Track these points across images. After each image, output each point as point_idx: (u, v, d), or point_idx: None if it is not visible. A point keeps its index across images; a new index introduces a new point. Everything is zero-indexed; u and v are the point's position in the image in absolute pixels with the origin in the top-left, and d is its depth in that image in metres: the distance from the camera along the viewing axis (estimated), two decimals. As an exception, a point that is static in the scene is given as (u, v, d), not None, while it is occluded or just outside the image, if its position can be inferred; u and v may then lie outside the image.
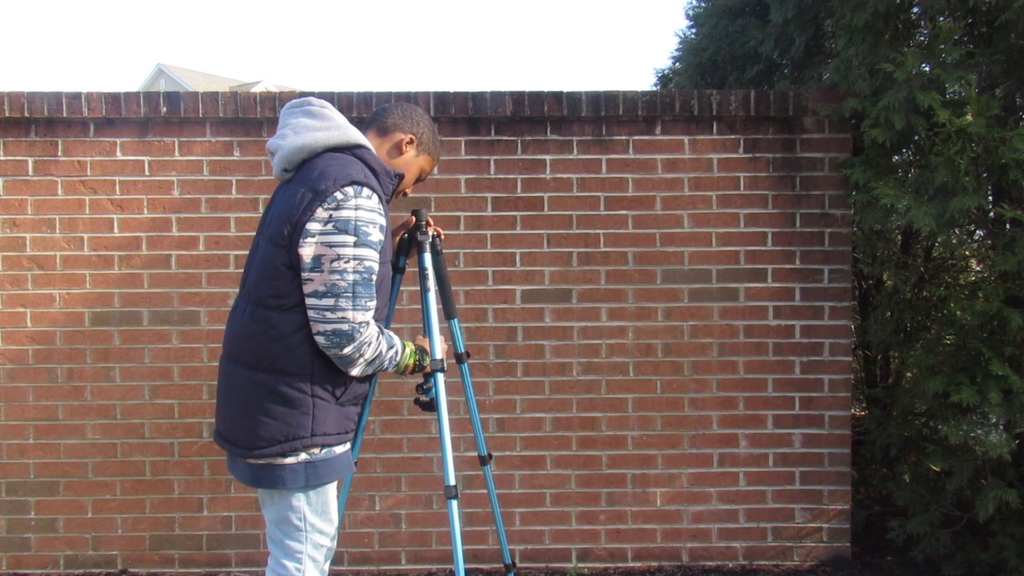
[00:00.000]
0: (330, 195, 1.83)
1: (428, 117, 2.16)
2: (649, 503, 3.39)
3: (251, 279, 1.94)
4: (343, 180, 1.85)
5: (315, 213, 1.83)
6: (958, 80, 2.84)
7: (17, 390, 3.30)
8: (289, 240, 1.84)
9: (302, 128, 1.95)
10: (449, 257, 3.30)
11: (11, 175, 3.28)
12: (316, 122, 1.96)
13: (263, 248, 1.91)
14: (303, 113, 1.99)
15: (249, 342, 1.89)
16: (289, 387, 1.86)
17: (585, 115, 3.29)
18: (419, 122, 2.11)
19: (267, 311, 1.87)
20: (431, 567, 3.36)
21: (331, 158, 1.91)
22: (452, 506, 2.16)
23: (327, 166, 1.88)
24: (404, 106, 2.12)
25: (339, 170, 1.87)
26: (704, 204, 3.34)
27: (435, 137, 2.16)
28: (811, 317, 3.36)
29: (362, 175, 1.89)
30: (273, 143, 2.00)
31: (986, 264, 3.39)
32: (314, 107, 2.00)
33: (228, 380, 1.94)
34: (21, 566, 3.33)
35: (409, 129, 2.09)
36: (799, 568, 3.38)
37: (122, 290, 3.30)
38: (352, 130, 1.98)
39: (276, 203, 1.95)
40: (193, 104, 3.26)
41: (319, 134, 1.94)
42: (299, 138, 1.94)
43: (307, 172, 1.90)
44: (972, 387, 2.88)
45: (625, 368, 3.36)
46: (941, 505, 3.21)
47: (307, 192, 1.85)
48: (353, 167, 1.90)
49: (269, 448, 1.86)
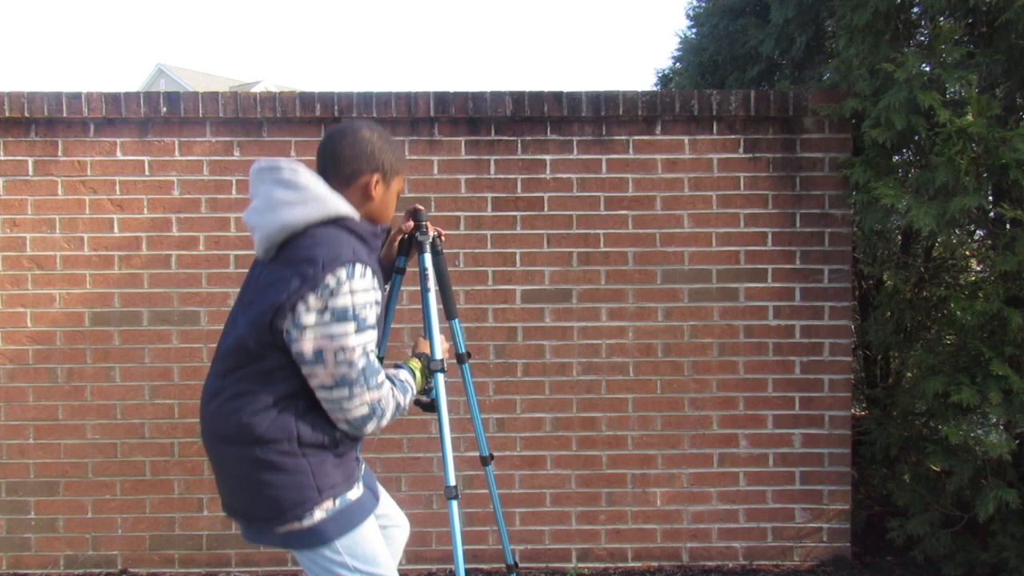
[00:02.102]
0: (321, 282, 1.69)
1: (378, 133, 1.92)
2: (649, 503, 3.39)
3: (228, 355, 1.80)
4: (333, 263, 1.70)
5: (307, 302, 1.69)
6: (959, 80, 2.84)
7: (17, 390, 3.30)
8: (271, 326, 1.71)
9: (277, 203, 1.77)
10: (449, 257, 3.30)
11: (11, 175, 3.28)
12: (291, 194, 1.78)
13: (243, 327, 1.77)
14: (275, 182, 1.80)
15: (229, 419, 1.77)
16: (279, 454, 1.76)
17: (585, 115, 3.29)
18: (375, 151, 1.89)
19: (248, 385, 1.76)
20: (431, 567, 3.36)
21: (314, 236, 1.75)
22: (452, 506, 2.16)
23: (312, 246, 1.73)
24: (351, 138, 1.88)
25: (327, 251, 1.72)
26: (704, 204, 3.34)
27: (396, 152, 1.94)
28: (811, 317, 3.36)
29: (351, 252, 1.74)
30: (249, 219, 1.83)
31: (986, 264, 3.39)
32: (285, 174, 1.80)
33: (218, 459, 1.83)
34: (21, 566, 3.33)
35: (369, 167, 1.88)
36: (799, 568, 3.38)
37: (122, 290, 3.30)
38: (331, 200, 1.79)
39: (257, 280, 1.80)
40: (193, 104, 3.26)
41: (297, 211, 1.76)
42: (276, 217, 1.76)
43: (291, 252, 1.75)
44: (972, 387, 2.88)
45: (625, 368, 3.36)
46: (941, 505, 3.21)
47: (294, 277, 1.70)
48: (341, 246, 1.74)
49: (283, 517, 1.78)
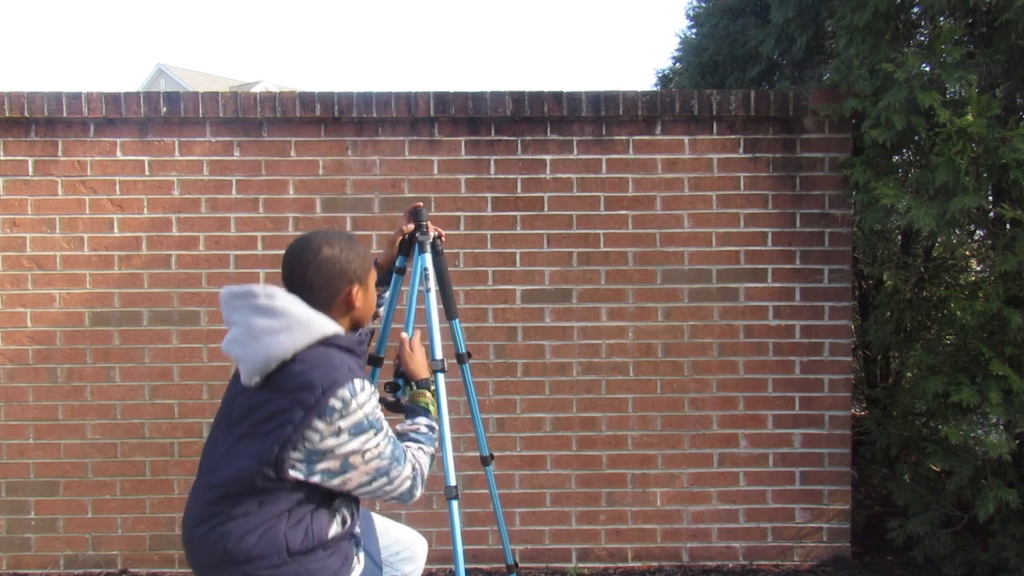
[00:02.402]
0: (326, 407, 1.68)
1: (339, 244, 1.85)
2: (649, 503, 3.39)
3: (221, 478, 1.74)
4: (333, 387, 1.69)
5: (317, 429, 1.68)
6: (958, 80, 2.84)
7: (17, 390, 3.30)
8: (277, 460, 1.69)
9: (259, 332, 1.72)
10: (449, 257, 3.30)
11: (11, 175, 3.28)
12: (272, 321, 1.73)
13: (246, 461, 1.71)
14: (251, 310, 1.75)
15: (217, 544, 1.73)
16: (269, 568, 1.72)
17: (585, 115, 3.29)
18: (344, 265, 1.84)
19: (243, 509, 1.73)
20: (431, 567, 3.36)
21: (306, 360, 1.72)
22: (452, 506, 2.16)
23: (306, 371, 1.70)
24: (317, 263, 1.82)
25: (324, 375, 1.70)
26: (704, 204, 3.34)
27: (358, 250, 1.89)
28: (811, 317, 3.36)
29: (347, 371, 1.73)
30: (231, 350, 1.77)
31: (986, 264, 3.39)
32: (261, 300, 1.75)
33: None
34: (21, 566, 3.33)
35: (345, 282, 1.85)
36: (799, 568, 3.38)
37: (122, 290, 3.30)
38: (315, 322, 1.75)
39: (250, 407, 1.75)
40: (193, 104, 3.26)
41: (283, 338, 1.71)
42: (262, 347, 1.71)
43: (284, 380, 1.71)
44: (972, 387, 2.88)
45: (625, 368, 3.36)
46: (941, 505, 3.21)
47: (296, 408, 1.68)
48: (336, 367, 1.72)
49: None
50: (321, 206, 3.32)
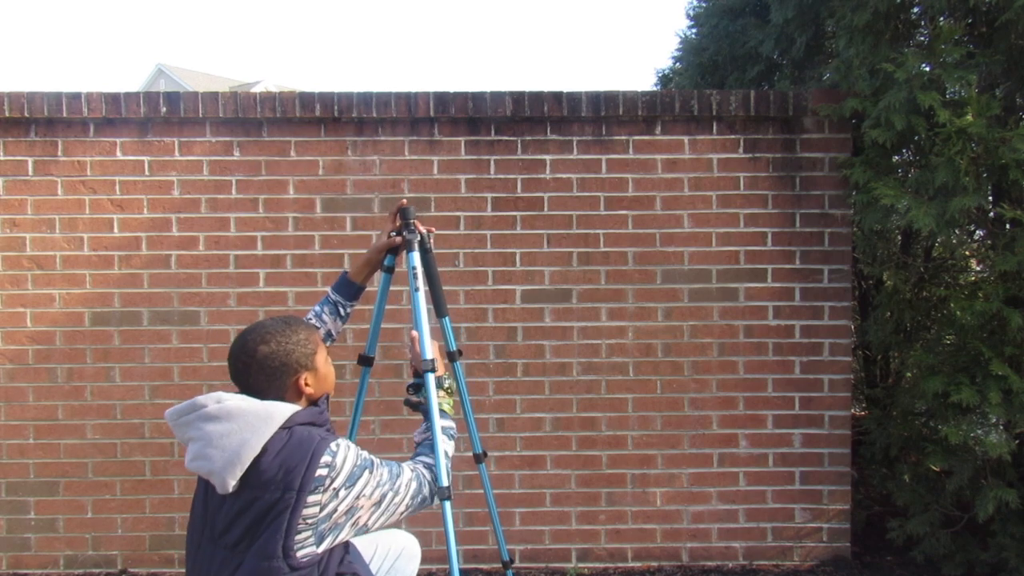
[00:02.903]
0: (312, 479, 1.70)
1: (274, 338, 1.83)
2: (649, 503, 3.39)
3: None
4: (314, 461, 1.71)
5: (314, 503, 1.71)
6: (958, 80, 2.84)
7: (17, 390, 3.30)
8: (285, 549, 1.69)
9: (219, 438, 1.70)
10: (449, 257, 3.30)
11: (11, 175, 3.28)
12: (228, 425, 1.72)
13: (246, 566, 1.70)
14: (204, 420, 1.73)
15: None
16: None
17: (585, 115, 3.29)
18: (285, 358, 1.82)
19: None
20: (431, 567, 3.36)
21: (275, 449, 1.72)
22: (446, 507, 2.16)
23: (281, 458, 1.71)
24: (256, 365, 1.81)
25: (300, 454, 1.71)
26: (704, 204, 3.34)
27: (298, 335, 1.87)
28: (811, 317, 3.36)
29: (319, 440, 1.75)
30: (197, 466, 1.73)
31: (986, 264, 3.39)
32: (211, 408, 1.74)
33: None
34: (21, 566, 3.33)
35: (291, 373, 1.83)
36: (799, 568, 3.38)
37: (122, 290, 3.30)
38: (272, 411, 1.75)
39: (230, 512, 1.73)
40: (193, 104, 3.26)
41: (247, 436, 1.70)
42: (231, 454, 1.69)
43: (262, 474, 1.70)
44: (972, 387, 2.88)
45: (625, 368, 3.35)
46: (941, 505, 3.21)
47: (286, 493, 1.69)
48: (306, 440, 1.74)
49: None
50: (321, 206, 3.32)
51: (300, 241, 3.31)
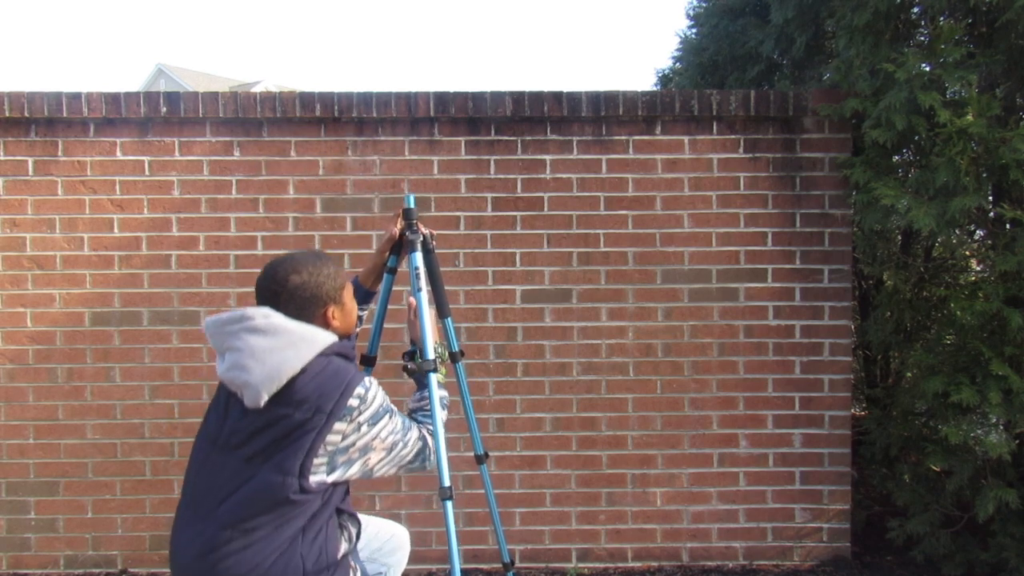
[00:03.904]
0: (344, 407, 1.76)
1: (306, 268, 1.85)
2: (649, 503, 3.39)
3: (228, 505, 1.73)
4: (349, 390, 1.77)
5: (339, 431, 1.76)
6: (959, 80, 2.84)
7: (17, 390, 3.30)
8: (302, 470, 1.72)
9: (262, 352, 1.73)
10: (449, 257, 3.30)
11: (11, 175, 3.28)
12: (274, 340, 1.74)
13: (260, 477, 1.72)
14: (249, 332, 1.75)
15: (232, 570, 1.70)
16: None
17: (585, 115, 3.29)
18: (315, 289, 1.84)
19: (265, 531, 1.72)
20: (431, 567, 3.36)
21: (312, 372, 1.76)
22: (447, 507, 2.16)
23: (316, 382, 1.75)
24: (287, 294, 1.82)
25: (336, 382, 1.77)
26: (704, 204, 3.34)
27: (328, 270, 1.89)
28: (811, 317, 3.36)
29: (356, 373, 1.82)
30: (232, 376, 1.75)
31: (986, 264, 3.39)
32: (259, 321, 1.76)
33: None
34: (21, 566, 3.33)
35: (319, 305, 1.86)
36: (799, 568, 3.38)
37: (122, 290, 3.30)
38: (317, 334, 1.79)
39: (252, 425, 1.75)
40: (193, 104, 3.26)
41: (290, 354, 1.74)
42: (270, 368, 1.72)
43: (294, 394, 1.74)
44: (972, 387, 2.88)
45: (625, 368, 3.36)
46: (941, 505, 3.21)
47: (315, 416, 1.73)
48: (345, 371, 1.80)
49: None
50: (321, 206, 3.32)
51: (300, 241, 3.31)
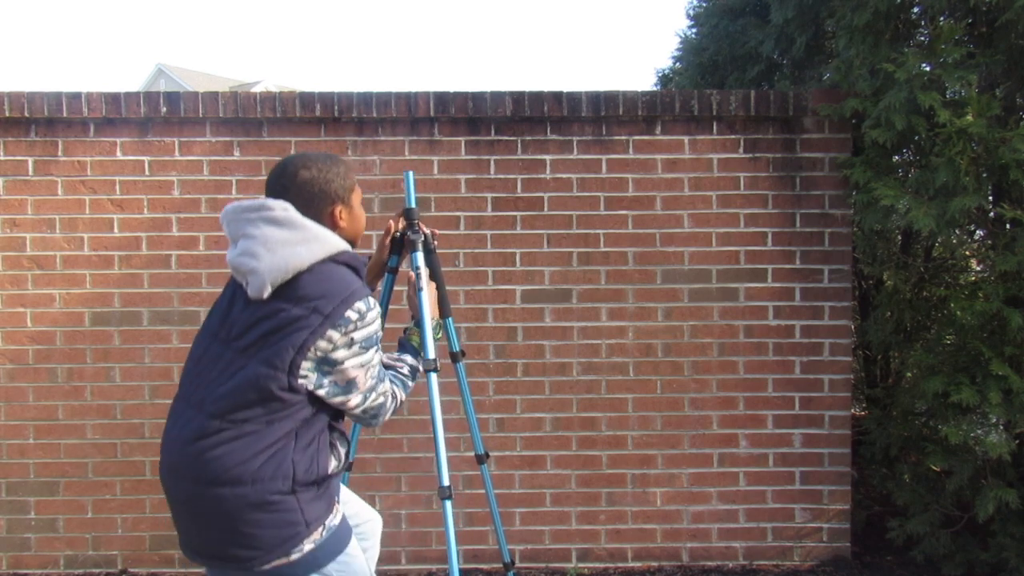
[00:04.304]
0: (341, 316, 1.72)
1: (316, 165, 1.84)
2: (649, 503, 3.39)
3: (218, 394, 1.72)
4: (351, 299, 1.74)
5: (332, 340, 1.72)
6: (959, 80, 2.84)
7: (17, 390, 3.30)
8: (291, 366, 1.70)
9: (276, 243, 1.72)
10: (449, 257, 3.30)
11: (11, 175, 3.28)
12: (290, 234, 1.74)
13: (255, 369, 1.71)
14: (267, 222, 1.75)
15: (222, 460, 1.69)
16: (272, 493, 1.71)
17: (585, 115, 3.29)
18: (323, 185, 1.83)
19: (252, 426, 1.71)
20: (431, 567, 3.36)
21: (321, 272, 1.75)
22: (446, 506, 2.16)
23: (322, 283, 1.74)
24: (295, 188, 1.81)
25: (340, 288, 1.74)
26: (704, 204, 3.34)
27: (338, 169, 1.88)
28: (811, 317, 3.36)
29: (362, 287, 1.79)
30: (241, 261, 1.75)
31: (986, 264, 3.39)
32: (278, 213, 1.76)
33: (197, 502, 1.73)
34: (21, 566, 3.33)
35: (327, 202, 1.84)
36: (799, 568, 3.38)
37: (122, 290, 3.30)
38: (331, 236, 1.79)
39: (253, 319, 1.74)
40: (193, 104, 3.26)
41: (301, 250, 1.73)
42: (279, 259, 1.71)
43: (297, 291, 1.72)
44: (972, 387, 2.88)
45: (625, 368, 3.36)
46: (941, 505, 3.21)
47: (312, 315, 1.70)
48: (350, 281, 1.77)
49: (270, 555, 1.73)
50: (321, 206, 3.31)
51: (300, 241, 3.31)
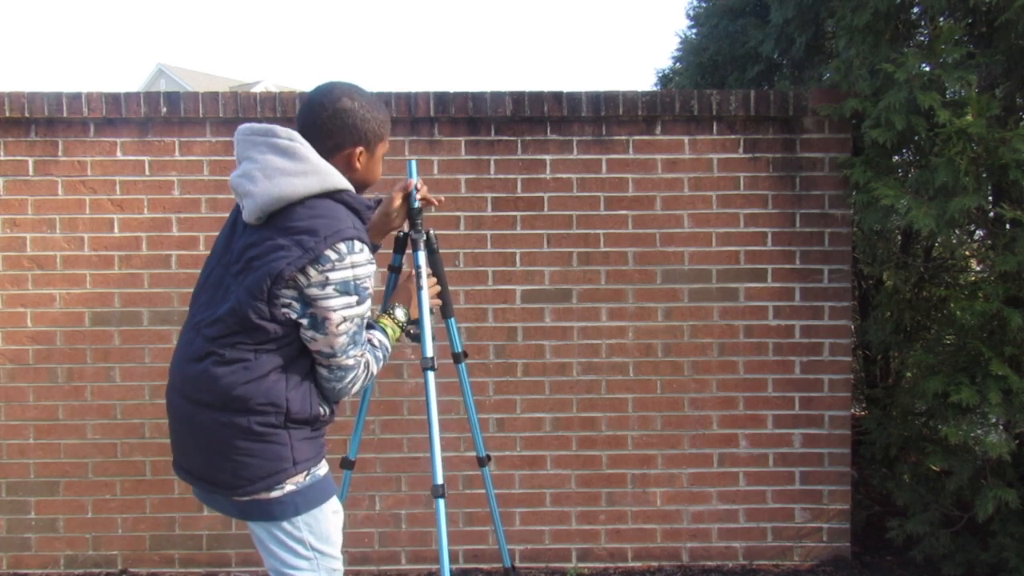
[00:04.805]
0: (322, 254, 1.69)
1: (359, 100, 1.81)
2: (649, 503, 3.39)
3: (212, 319, 1.76)
4: (334, 238, 1.69)
5: (308, 274, 1.70)
6: (958, 80, 2.84)
7: (17, 390, 3.30)
8: (268, 295, 1.70)
9: (274, 171, 1.72)
10: (449, 257, 3.30)
11: (11, 175, 3.28)
12: (289, 163, 1.73)
13: (238, 295, 1.72)
14: (270, 148, 1.75)
15: (218, 384, 1.73)
16: (263, 425, 1.75)
17: (585, 115, 3.29)
18: (357, 122, 1.81)
19: (242, 353, 1.74)
20: (431, 567, 3.36)
21: (314, 207, 1.73)
22: (439, 505, 2.16)
23: (312, 218, 1.71)
24: (331, 110, 1.79)
25: (328, 224, 1.70)
26: (704, 204, 3.34)
27: (379, 117, 1.85)
28: (811, 317, 3.36)
29: (352, 228, 1.73)
30: (238, 183, 1.76)
31: (986, 264, 3.39)
32: (282, 141, 1.75)
33: (190, 421, 1.79)
34: (21, 566, 3.33)
35: (352, 140, 1.82)
36: (799, 568, 3.38)
37: (122, 290, 3.30)
38: (332, 173, 1.76)
39: (246, 245, 1.76)
40: (193, 104, 3.26)
41: (296, 181, 1.72)
42: (273, 186, 1.71)
43: (287, 221, 1.72)
44: (972, 387, 2.88)
45: (625, 368, 3.36)
46: (941, 505, 3.21)
47: (294, 247, 1.68)
48: (342, 219, 1.73)
49: (253, 486, 1.77)
50: (321, 206, 3.31)
51: (300, 241, 3.30)
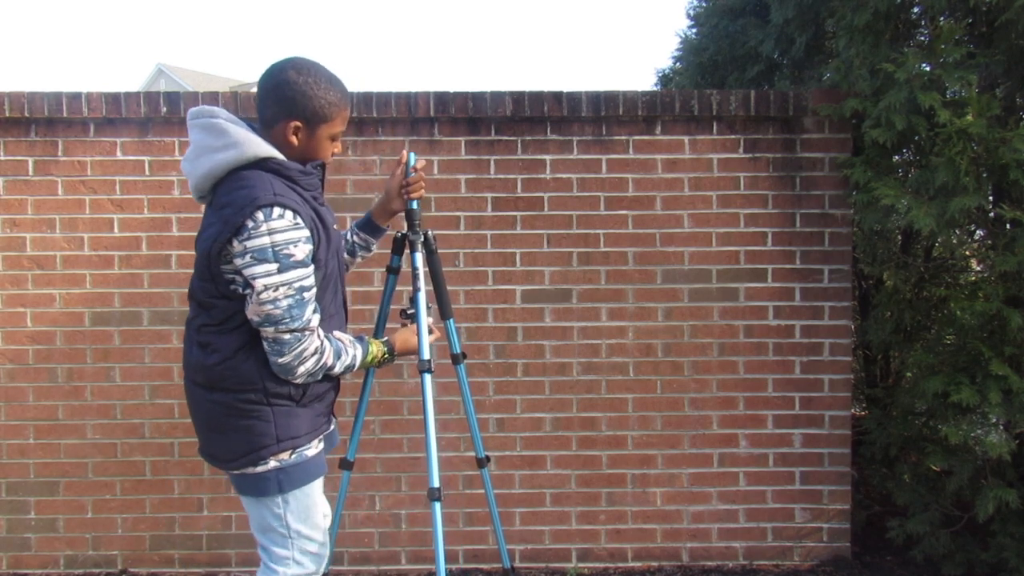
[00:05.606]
0: (241, 225, 1.72)
1: (307, 76, 1.79)
2: (649, 503, 3.39)
3: (189, 303, 1.93)
4: (250, 207, 1.71)
5: (232, 247, 1.74)
6: (959, 80, 2.84)
7: (17, 390, 3.30)
8: (211, 273, 1.79)
9: (202, 150, 1.80)
10: (449, 257, 3.30)
11: (11, 175, 3.28)
12: (212, 139, 1.79)
13: (194, 279, 1.88)
14: (200, 128, 1.81)
15: (198, 366, 1.86)
16: (243, 402, 1.83)
17: (585, 115, 3.29)
18: (295, 96, 1.79)
19: (207, 336, 1.85)
20: (431, 567, 3.36)
21: (237, 179, 1.77)
22: (435, 508, 2.16)
23: (232, 190, 1.76)
24: (274, 81, 1.80)
25: (245, 195, 1.73)
26: (704, 204, 3.34)
27: (327, 97, 1.81)
28: (811, 317, 3.36)
29: (269, 194, 1.73)
30: (183, 167, 1.88)
31: (986, 264, 3.39)
32: (206, 120, 1.81)
33: (191, 400, 1.94)
34: (21, 566, 3.33)
35: (287, 113, 1.81)
36: (799, 568, 3.38)
37: (122, 290, 3.30)
38: (252, 142, 1.77)
39: (204, 223, 1.86)
40: (193, 104, 3.25)
41: (218, 156, 1.78)
42: (200, 164, 1.80)
43: (218, 198, 1.80)
44: (972, 387, 2.88)
45: (625, 368, 3.36)
46: (941, 505, 3.21)
47: (219, 222, 1.75)
48: (258, 188, 1.73)
49: (238, 460, 1.87)
50: (321, 206, 3.31)
51: (300, 241, 3.30)
